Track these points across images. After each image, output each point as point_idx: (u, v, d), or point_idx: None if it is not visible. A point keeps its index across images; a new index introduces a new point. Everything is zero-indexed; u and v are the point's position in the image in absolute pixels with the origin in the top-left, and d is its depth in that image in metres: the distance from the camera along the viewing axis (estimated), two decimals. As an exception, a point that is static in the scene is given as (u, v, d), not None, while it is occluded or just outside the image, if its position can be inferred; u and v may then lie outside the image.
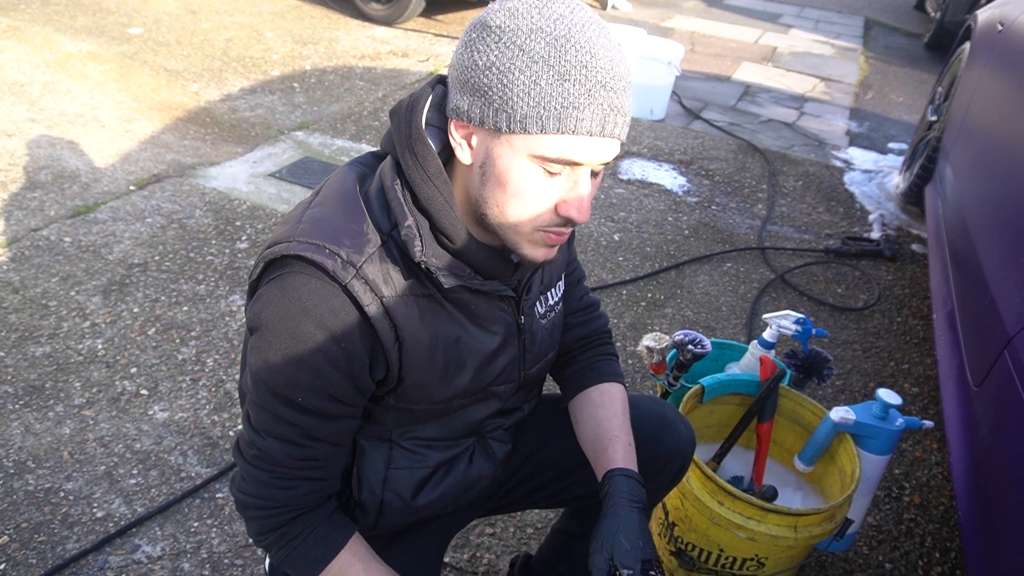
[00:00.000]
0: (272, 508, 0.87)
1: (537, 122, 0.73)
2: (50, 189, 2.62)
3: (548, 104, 0.72)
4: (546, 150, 0.75)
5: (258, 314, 0.80)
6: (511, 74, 0.73)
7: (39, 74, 3.35)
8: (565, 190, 0.79)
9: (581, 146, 0.75)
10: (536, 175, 0.77)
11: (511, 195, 0.78)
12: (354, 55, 4.40)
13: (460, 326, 0.88)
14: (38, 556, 1.45)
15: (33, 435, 1.70)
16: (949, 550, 1.73)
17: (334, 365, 0.80)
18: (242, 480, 0.89)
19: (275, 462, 0.85)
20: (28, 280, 2.17)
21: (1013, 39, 2.24)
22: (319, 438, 0.85)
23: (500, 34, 0.74)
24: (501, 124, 0.75)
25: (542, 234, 0.82)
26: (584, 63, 0.72)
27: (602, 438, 1.02)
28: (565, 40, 0.72)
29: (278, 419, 0.83)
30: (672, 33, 5.96)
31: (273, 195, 2.80)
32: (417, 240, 0.80)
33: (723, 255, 2.81)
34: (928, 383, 2.26)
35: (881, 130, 4.45)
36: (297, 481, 0.87)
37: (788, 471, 1.61)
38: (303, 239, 0.79)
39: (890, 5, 8.30)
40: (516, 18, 0.74)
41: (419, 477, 0.99)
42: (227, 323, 2.11)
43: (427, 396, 0.91)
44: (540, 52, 0.72)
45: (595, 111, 0.74)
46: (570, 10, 0.74)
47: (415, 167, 0.81)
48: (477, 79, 0.75)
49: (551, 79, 0.72)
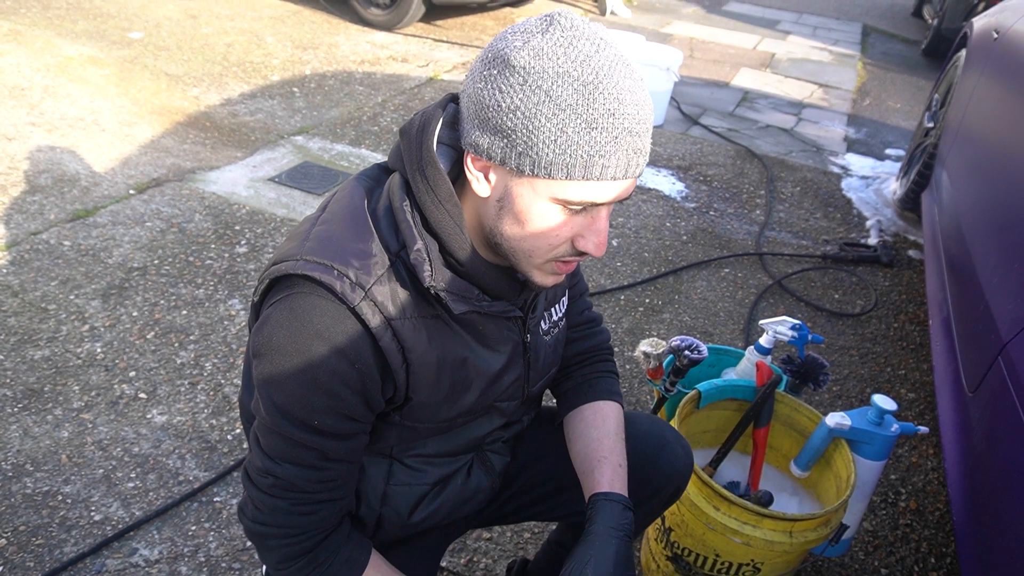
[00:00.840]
0: (295, 536, 0.86)
1: (563, 170, 0.72)
2: (50, 193, 2.62)
3: (575, 152, 0.72)
4: (569, 194, 0.75)
5: (268, 338, 0.79)
6: (537, 120, 0.71)
7: (39, 78, 3.36)
8: (583, 226, 0.79)
9: (605, 190, 0.75)
10: (556, 214, 0.77)
11: (529, 232, 0.78)
12: (354, 60, 4.42)
13: (467, 347, 0.88)
14: (36, 559, 1.45)
15: (31, 438, 1.70)
16: (945, 555, 1.73)
17: (349, 386, 0.80)
18: (255, 510, 0.87)
19: (295, 488, 0.84)
20: (27, 283, 2.18)
21: (1008, 47, 2.26)
22: (336, 458, 0.85)
23: (525, 76, 0.71)
24: (524, 168, 0.74)
25: (554, 264, 0.82)
26: (612, 111, 0.71)
27: (590, 459, 1.01)
28: (593, 87, 0.71)
29: (295, 444, 0.82)
30: (671, 39, 5.98)
31: (272, 199, 2.81)
32: (427, 265, 0.79)
33: (721, 261, 2.82)
34: (924, 389, 2.26)
35: (878, 136, 4.47)
36: (318, 505, 0.86)
37: (784, 476, 1.61)
38: (310, 258, 0.78)
39: (888, 12, 8.33)
40: (542, 59, 0.71)
41: (418, 493, 0.99)
42: (226, 327, 2.12)
43: (432, 415, 0.90)
44: (568, 99, 0.70)
45: (620, 157, 0.73)
46: (596, 49, 0.72)
47: (426, 190, 0.80)
48: (500, 120, 0.73)
49: (578, 127, 0.71)
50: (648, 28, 6.18)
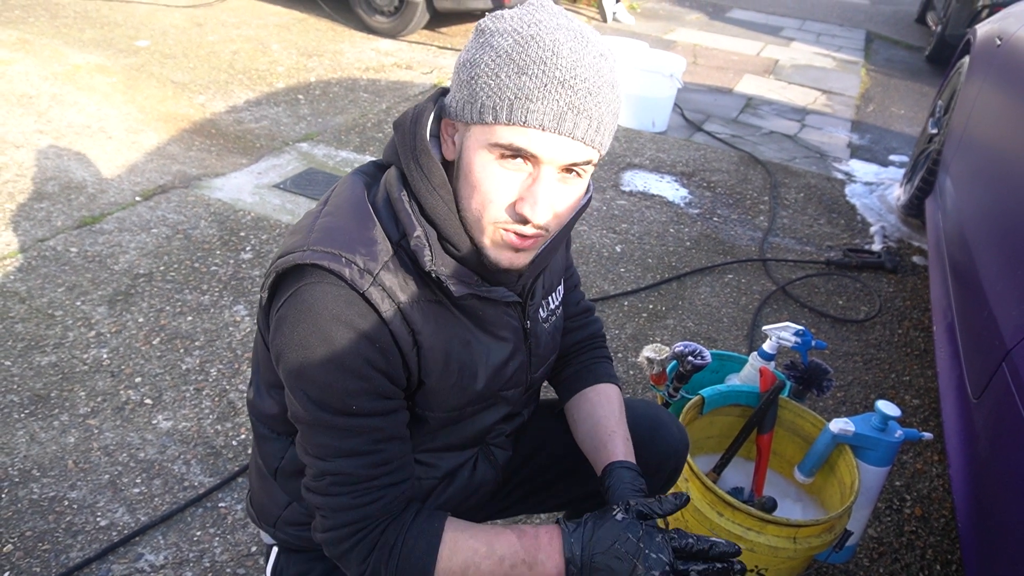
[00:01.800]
0: (364, 528, 0.85)
1: (492, 111, 0.76)
2: (57, 200, 2.64)
3: (503, 95, 0.75)
4: (498, 138, 0.77)
5: (289, 336, 0.80)
6: (479, 67, 0.77)
7: (47, 86, 3.39)
8: (523, 188, 0.79)
9: (533, 139, 0.76)
10: (493, 166, 0.79)
11: (472, 186, 0.81)
12: (358, 67, 4.44)
13: (469, 331, 0.90)
14: (42, 565, 1.46)
15: (38, 444, 1.71)
16: (950, 562, 1.73)
17: (373, 365, 0.81)
18: (323, 519, 0.86)
19: (354, 478, 0.84)
20: (35, 290, 2.19)
21: (1011, 53, 2.26)
22: (384, 438, 0.85)
23: (481, 34, 0.79)
24: (467, 115, 0.79)
25: (502, 233, 0.81)
26: (543, 59, 0.75)
27: (600, 434, 1.04)
28: (531, 38, 0.75)
29: (341, 433, 0.82)
30: (674, 46, 6.00)
31: (277, 206, 2.82)
32: (427, 250, 0.81)
33: (724, 267, 2.82)
34: (928, 395, 2.26)
35: (882, 142, 4.47)
36: (382, 490, 0.85)
37: (788, 482, 1.61)
38: (317, 247, 0.80)
39: (891, 18, 8.34)
40: (499, 21, 0.79)
41: (427, 487, 1.00)
42: (231, 333, 2.13)
43: (443, 402, 0.92)
44: (505, 48, 0.76)
45: (549, 105, 0.75)
46: (551, 17, 0.78)
47: (420, 178, 0.83)
48: (458, 75, 0.80)
49: (510, 72, 0.75)
50: (652, 35, 6.20)
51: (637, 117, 4.05)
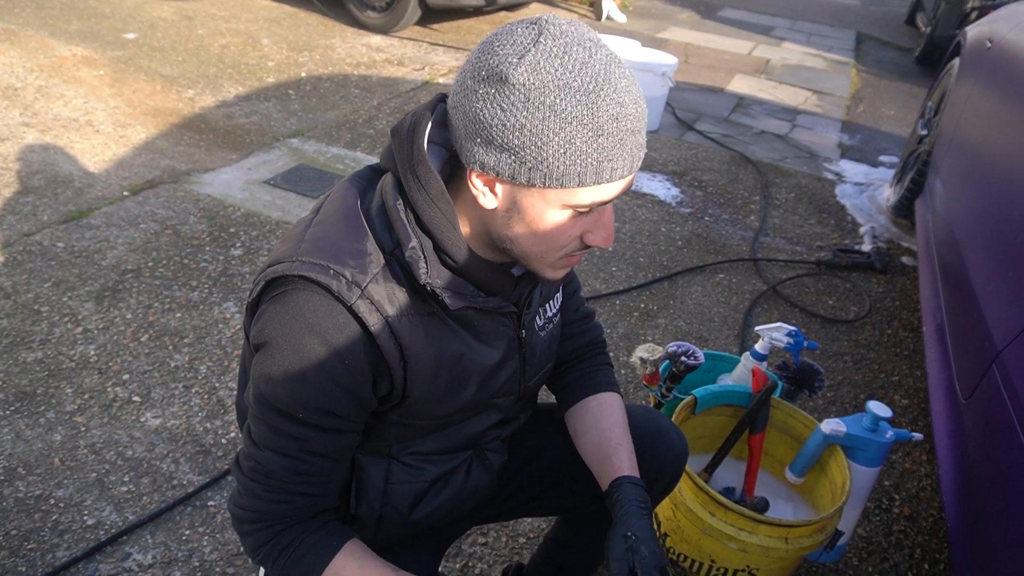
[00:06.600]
0: (265, 521, 0.87)
1: (575, 179, 0.74)
2: (43, 194, 2.61)
3: (585, 161, 0.73)
4: (580, 199, 0.77)
5: (262, 330, 0.81)
6: (545, 135, 0.72)
7: (33, 78, 3.34)
8: (591, 223, 0.82)
9: (612, 189, 0.77)
10: (568, 218, 0.79)
11: (542, 237, 0.81)
12: (350, 63, 4.42)
13: (464, 343, 0.89)
14: (28, 564, 1.44)
15: (24, 441, 1.69)
16: (938, 561, 1.74)
17: (336, 382, 0.80)
18: (238, 494, 0.89)
19: (272, 475, 0.85)
20: (20, 285, 2.17)
21: (1001, 56, 2.28)
22: (318, 452, 0.85)
23: (527, 93, 0.71)
24: (536, 181, 0.74)
25: (565, 259, 0.85)
26: (615, 115, 0.72)
27: (605, 447, 1.03)
28: (596, 95, 0.71)
29: (278, 432, 0.83)
30: (666, 45, 6.00)
31: (268, 202, 2.80)
32: (422, 262, 0.80)
33: (716, 266, 2.82)
34: (918, 395, 2.27)
35: (872, 143, 4.50)
36: (292, 495, 0.87)
37: (779, 482, 1.62)
38: (306, 258, 0.79)
39: (881, 19, 8.39)
40: (540, 73, 0.71)
41: (417, 491, 0.99)
42: (220, 330, 2.11)
43: (430, 412, 0.91)
44: (572, 111, 0.71)
45: (626, 157, 0.75)
46: (590, 54, 0.72)
47: (417, 188, 0.81)
48: (506, 138, 0.73)
49: (586, 137, 0.72)
50: (643, 33, 6.21)
51: (629, 115, 4.05)
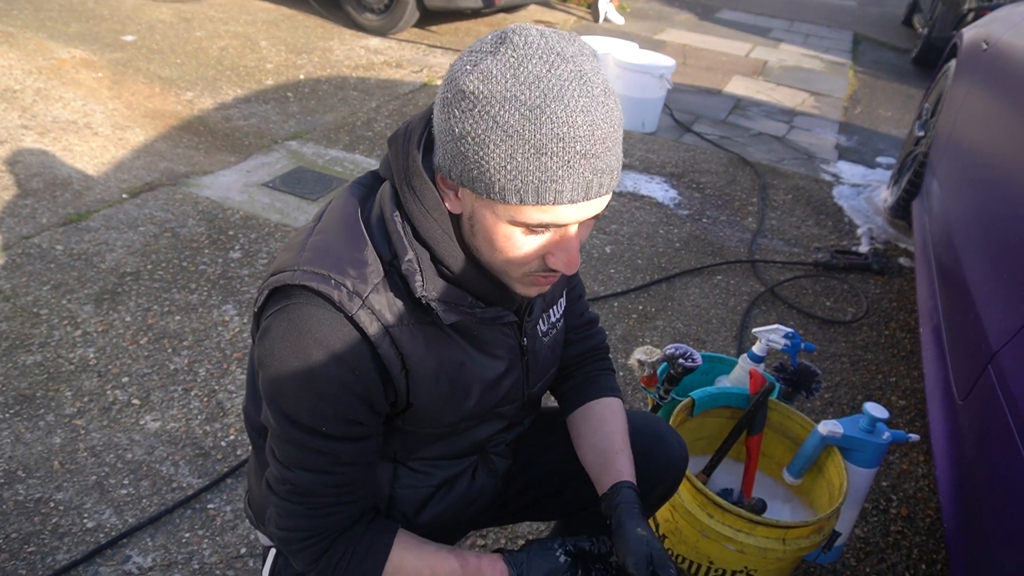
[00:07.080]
0: (314, 537, 0.88)
1: (516, 195, 0.71)
2: (42, 197, 2.61)
3: (525, 179, 0.70)
4: (527, 218, 0.74)
5: (270, 350, 0.81)
6: (487, 147, 0.70)
7: (31, 80, 3.35)
8: (552, 244, 0.78)
9: (563, 213, 0.73)
10: (520, 236, 0.77)
11: (498, 250, 0.79)
12: (348, 65, 4.42)
13: (464, 352, 0.89)
14: (28, 567, 1.44)
15: (23, 444, 1.69)
16: (935, 562, 1.74)
17: (351, 391, 0.81)
18: (278, 517, 0.89)
19: (310, 493, 0.86)
20: (19, 288, 2.17)
21: (997, 58, 2.29)
22: (348, 462, 0.86)
23: (475, 101, 0.69)
24: (481, 191, 0.73)
25: (532, 277, 0.82)
26: (560, 135, 0.68)
27: (607, 451, 1.03)
28: (540, 111, 0.68)
29: (306, 449, 0.83)
30: (664, 46, 6.01)
31: (266, 204, 2.81)
32: (418, 275, 0.80)
33: (713, 268, 2.83)
34: (915, 396, 2.28)
35: (869, 144, 4.51)
36: (335, 507, 0.88)
37: (777, 484, 1.62)
38: (307, 268, 0.79)
39: (878, 20, 8.40)
40: (490, 83, 0.69)
41: (423, 495, 1.00)
42: (219, 333, 2.11)
43: (434, 420, 0.92)
44: (514, 125, 0.68)
45: (576, 181, 0.71)
46: (548, 68, 0.69)
47: (413, 200, 0.81)
48: (455, 146, 0.72)
49: (527, 153, 0.69)
50: (641, 35, 6.21)
51: (627, 118, 4.06)
